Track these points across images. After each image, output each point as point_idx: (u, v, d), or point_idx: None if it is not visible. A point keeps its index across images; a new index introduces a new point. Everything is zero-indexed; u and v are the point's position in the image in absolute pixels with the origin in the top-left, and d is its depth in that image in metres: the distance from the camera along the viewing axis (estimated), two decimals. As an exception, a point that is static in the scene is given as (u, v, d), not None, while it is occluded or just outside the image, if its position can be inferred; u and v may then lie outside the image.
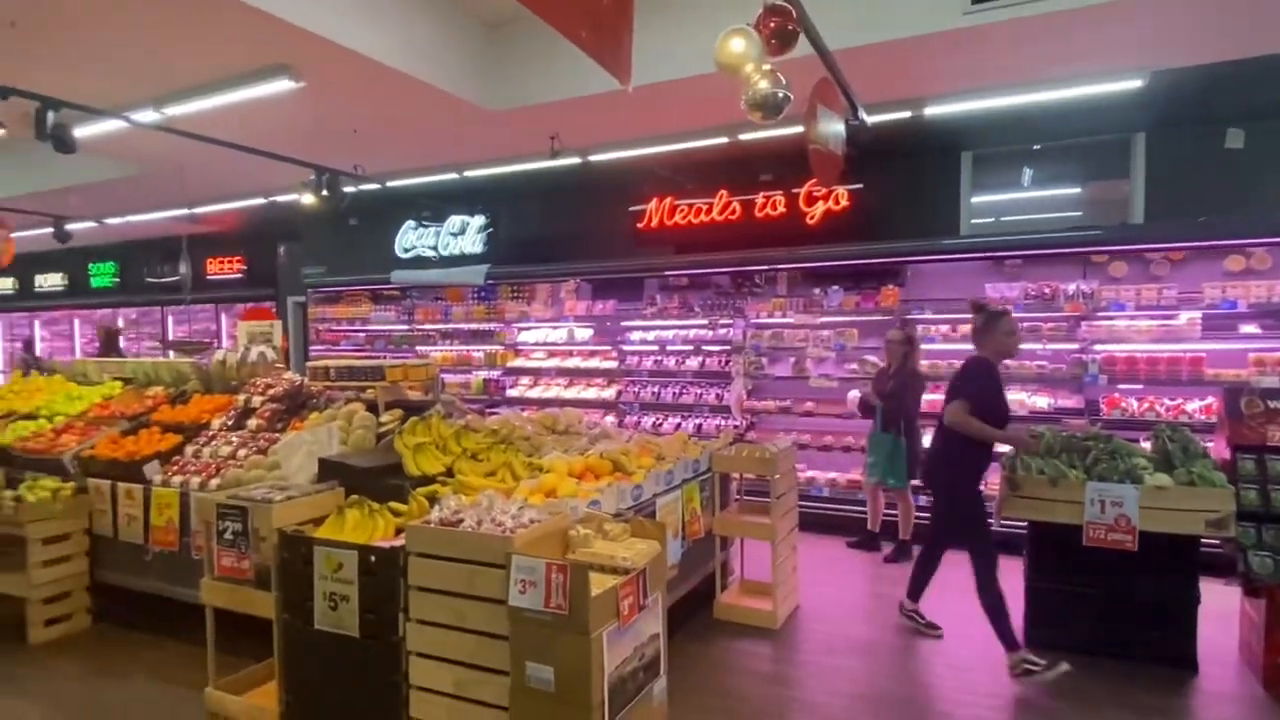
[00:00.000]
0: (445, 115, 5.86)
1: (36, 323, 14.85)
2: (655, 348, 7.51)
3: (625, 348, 7.69)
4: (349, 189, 5.91)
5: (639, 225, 7.62)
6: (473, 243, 8.97)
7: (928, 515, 5.90)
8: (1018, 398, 5.96)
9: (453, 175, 7.73)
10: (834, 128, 3.66)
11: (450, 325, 8.72)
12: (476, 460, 3.84)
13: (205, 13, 4.09)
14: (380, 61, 4.76)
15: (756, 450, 4.48)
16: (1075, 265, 6.06)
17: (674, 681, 3.01)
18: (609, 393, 7.62)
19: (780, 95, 2.57)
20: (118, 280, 13.47)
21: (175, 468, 4.40)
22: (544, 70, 5.58)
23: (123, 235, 11.61)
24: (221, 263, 11.94)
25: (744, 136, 6.18)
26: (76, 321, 14.15)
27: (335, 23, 4.44)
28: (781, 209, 7.03)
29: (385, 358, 7.77)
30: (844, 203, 6.81)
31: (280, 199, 8.85)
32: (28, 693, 3.70)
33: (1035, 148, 6.47)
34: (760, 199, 7.11)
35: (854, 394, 6.24)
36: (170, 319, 12.80)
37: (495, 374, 8.35)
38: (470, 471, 3.66)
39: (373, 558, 2.88)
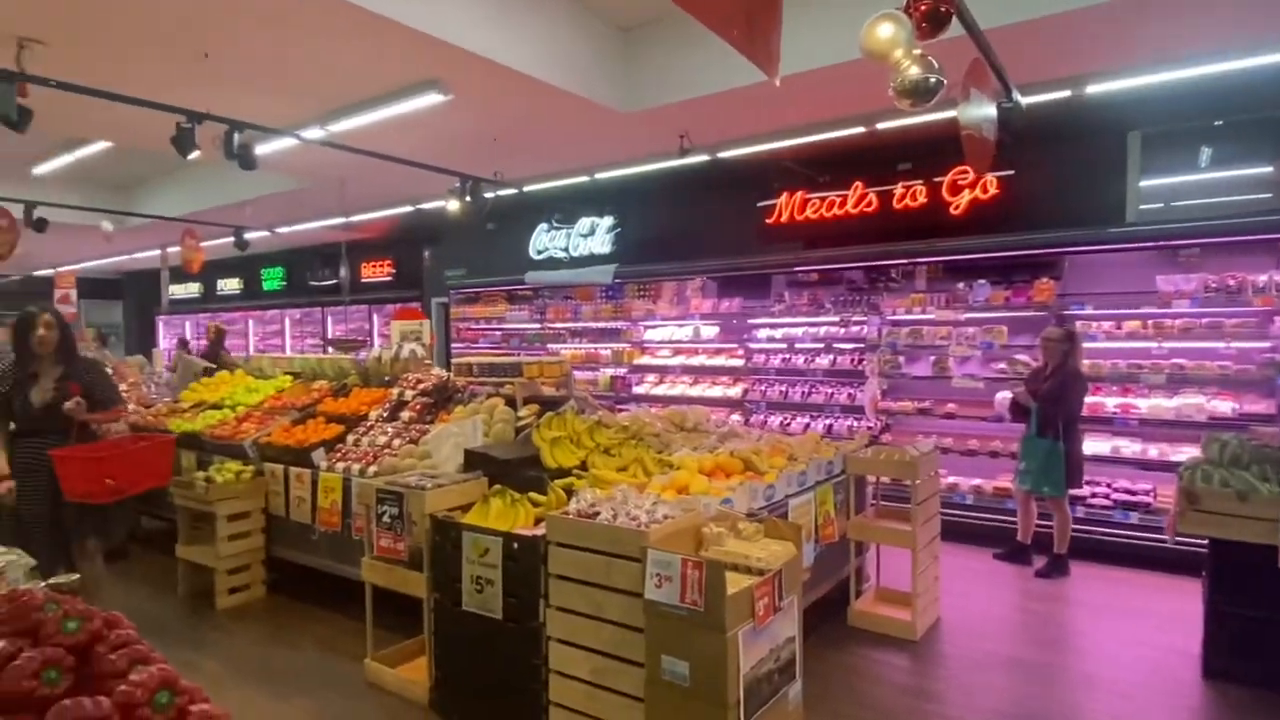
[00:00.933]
0: (581, 120, 6.04)
1: (218, 322, 16.69)
2: (783, 345, 7.38)
3: (752, 345, 7.62)
4: (489, 195, 6.23)
5: (767, 221, 7.52)
6: (601, 243, 9.19)
7: (1087, 527, 5.47)
8: (1194, 401, 5.37)
9: (584, 178, 7.97)
10: (987, 111, 3.45)
11: (579, 324, 8.99)
12: (609, 455, 3.94)
13: (367, 35, 4.44)
14: (522, 71, 4.98)
15: (896, 453, 4.31)
16: (1265, 254, 5.39)
17: (809, 687, 2.96)
18: (735, 391, 7.58)
19: (933, 80, 2.45)
20: (285, 283, 14.91)
21: (338, 455, 4.80)
22: (675, 70, 5.63)
23: (289, 243, 12.81)
24: (374, 266, 12.92)
25: (882, 125, 5.95)
26: (251, 321, 15.77)
27: (481, 37, 4.69)
28: (922, 199, 6.70)
29: (519, 355, 8.14)
30: (993, 190, 6.40)
31: (426, 206, 9.48)
32: (215, 653, 4.16)
33: (1216, 124, 5.80)
34: (899, 189, 6.81)
35: (1003, 395, 5.85)
36: (329, 318, 13.98)
37: (622, 371, 8.52)
38: (604, 466, 3.76)
39: (515, 545, 3.03)
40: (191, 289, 16.94)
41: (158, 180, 10.70)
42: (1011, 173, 6.24)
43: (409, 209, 9.69)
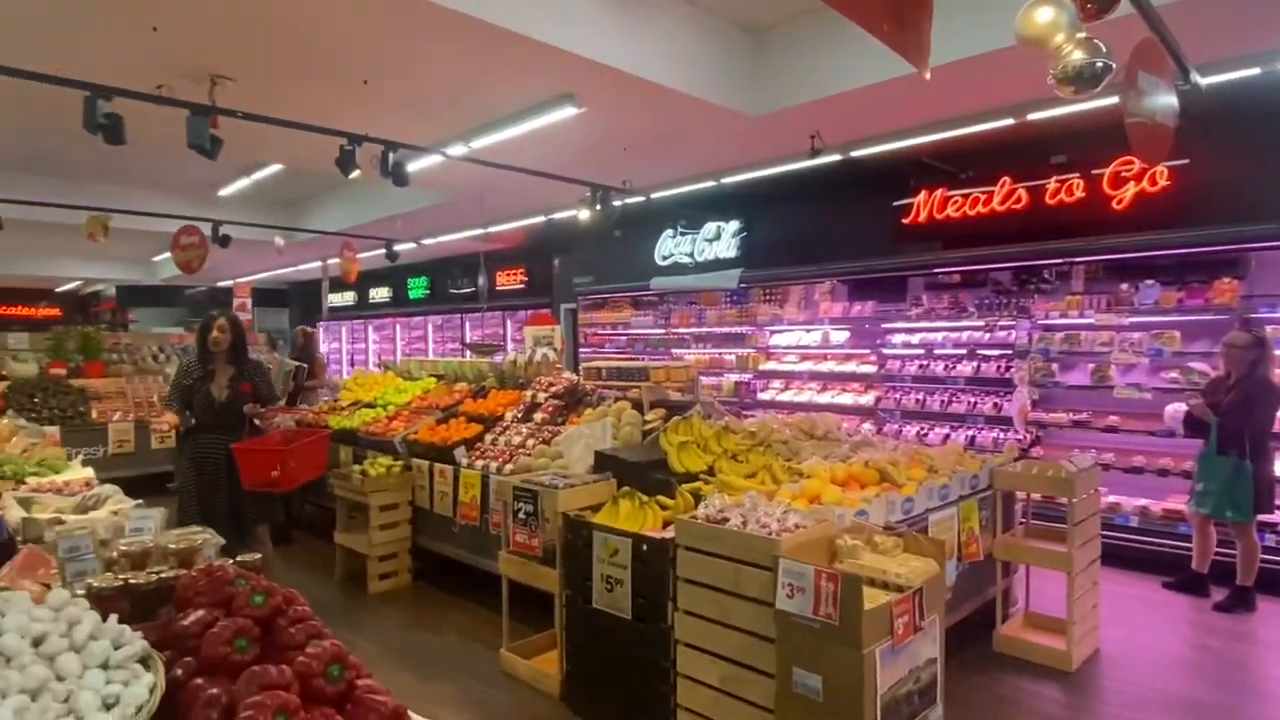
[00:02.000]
0: (710, 125, 6.06)
1: (369, 327, 18.06)
2: (920, 351, 7.03)
3: (886, 351, 7.32)
4: (617, 203, 6.37)
5: (903, 220, 7.20)
6: (727, 247, 9.15)
7: (1277, 557, 4.83)
8: None
9: (710, 183, 7.97)
10: (1160, 97, 3.13)
11: (704, 329, 8.99)
12: (736, 461, 3.91)
13: (509, 54, 4.67)
14: (652, 81, 5.06)
15: (1050, 468, 3.99)
16: None
17: (952, 713, 2.80)
18: (866, 398, 7.30)
19: (1100, 65, 2.25)
20: (428, 292, 15.91)
21: (477, 453, 5.06)
22: (806, 70, 5.52)
23: (433, 254, 13.67)
24: (508, 275, 13.54)
25: (1034, 115, 5.54)
26: (398, 326, 16.95)
27: (614, 50, 4.81)
28: (1079, 194, 6.18)
29: (643, 360, 8.24)
30: (1163, 182, 5.79)
31: (557, 216, 9.82)
32: (367, 633, 4.48)
33: None
34: (1052, 184, 6.31)
35: (1176, 407, 5.27)
36: (467, 324, 14.79)
37: (747, 377, 8.43)
38: (731, 472, 3.73)
39: (645, 547, 3.06)
40: (347, 297, 18.44)
41: (320, 198, 11.75)
42: (1185, 162, 5.62)
43: (541, 219, 10.07)
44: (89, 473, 3.94)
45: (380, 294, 17.50)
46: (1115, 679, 3.77)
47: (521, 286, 13.32)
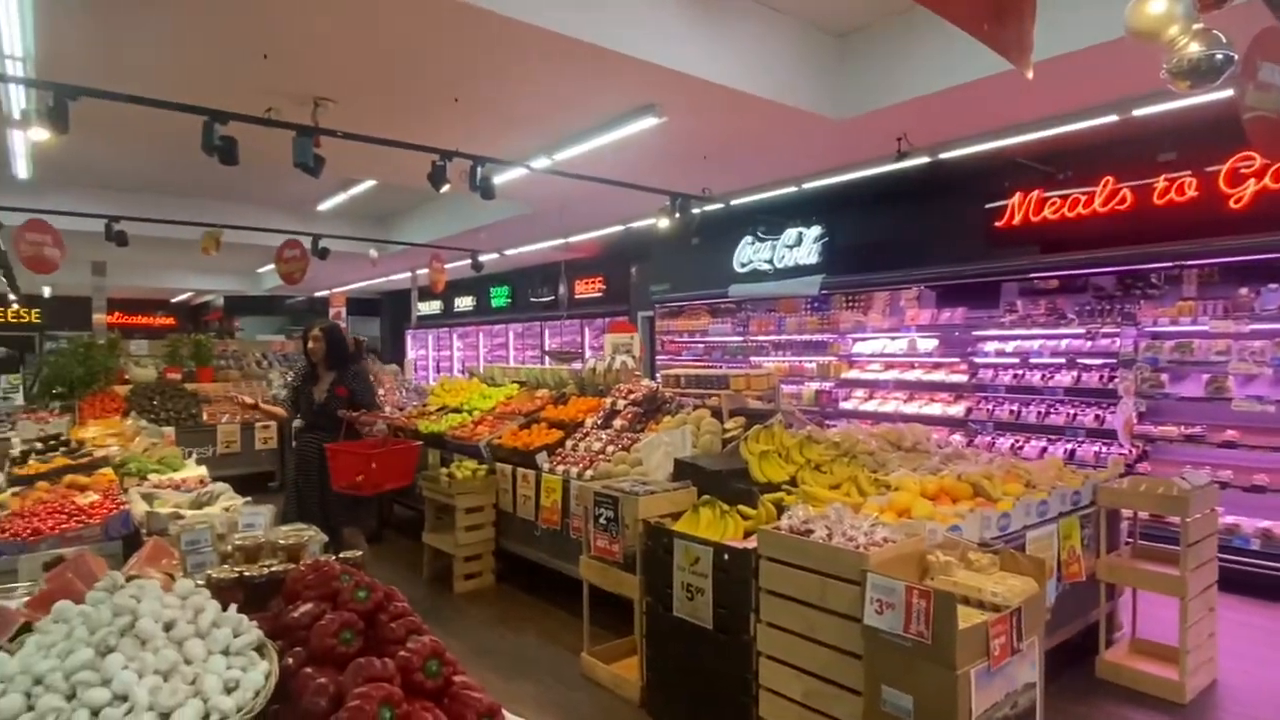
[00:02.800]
0: (793, 131, 6.00)
1: (454, 335, 18.68)
2: (1015, 360, 6.72)
3: (977, 360, 7.03)
4: (696, 211, 6.39)
5: (996, 224, 6.91)
6: (808, 253, 9.01)
7: None
8: None
9: (791, 189, 7.87)
10: (1286, 86, 2.89)
11: (783, 336, 8.87)
12: (819, 472, 3.84)
13: (593, 68, 4.77)
14: (735, 88, 5.06)
15: (1160, 485, 3.74)
16: None
17: (1052, 741, 2.65)
18: (956, 409, 7.03)
19: (1220, 57, 2.09)
20: (510, 301, 16.34)
21: (558, 458, 5.15)
22: (893, 71, 5.39)
23: (515, 264, 14.03)
24: (586, 283, 13.76)
25: (1140, 111, 5.22)
26: (481, 334, 17.47)
27: (697, 59, 4.84)
28: (1191, 192, 5.78)
29: (721, 367, 8.19)
30: (1288, 178, 5.36)
31: (635, 225, 9.91)
32: (453, 630, 4.62)
33: None
34: (1160, 183, 5.93)
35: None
36: (546, 332, 15.10)
37: (828, 385, 8.26)
38: (814, 482, 3.66)
39: (726, 556, 3.04)
40: (434, 306, 19.13)
41: (410, 212, 12.25)
42: (1317, 154, 5.18)
43: (619, 228, 10.19)
44: (202, 471, 4.23)
45: (464, 303, 18.08)
46: (1235, 714, 3.49)
47: (599, 294, 13.50)
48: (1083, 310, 6.33)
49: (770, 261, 9.45)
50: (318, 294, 19.06)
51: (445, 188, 5.16)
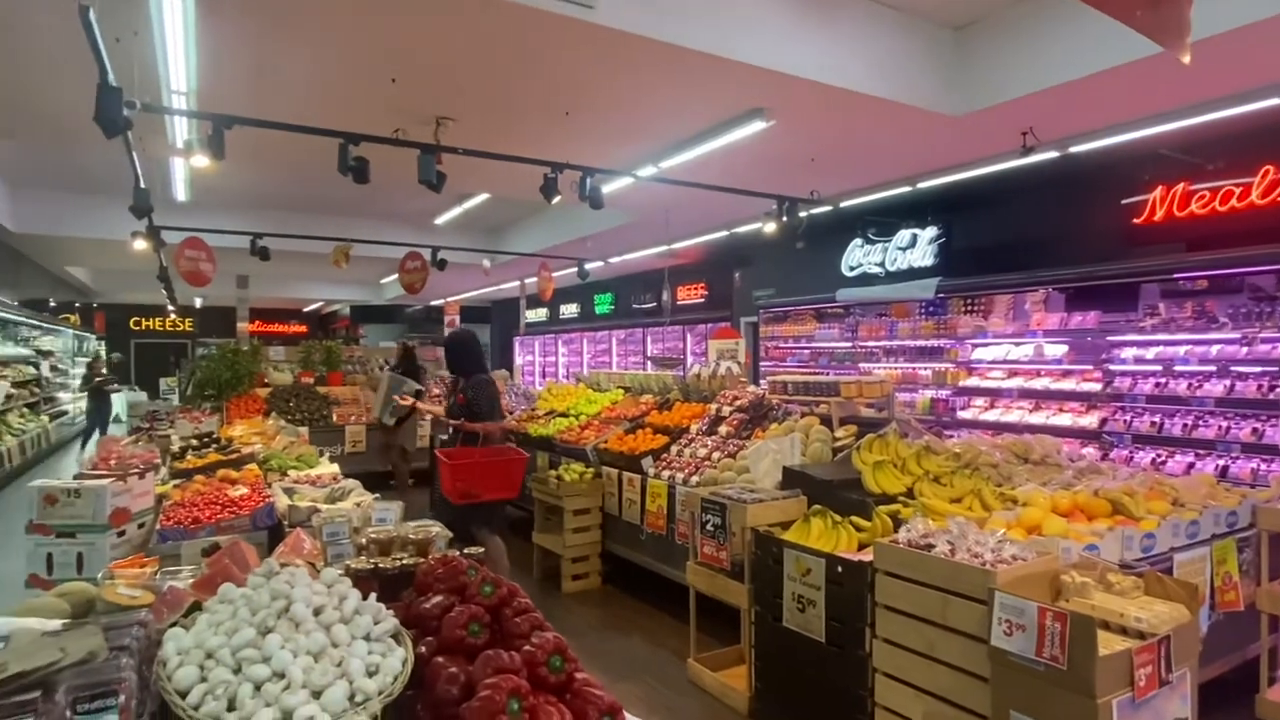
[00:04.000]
0: (908, 129, 5.81)
1: (559, 341, 19.17)
2: (1157, 367, 6.18)
3: (1113, 367, 6.51)
4: (803, 214, 6.28)
5: (1135, 220, 6.40)
6: (922, 255, 8.66)
7: None
8: None
9: (905, 188, 7.61)
10: None
11: (895, 342, 8.55)
12: (939, 484, 3.67)
13: (701, 75, 4.79)
14: (847, 88, 4.95)
15: (1335, 507, 3.34)
16: None
17: (1208, 786, 2.42)
18: (1089, 420, 6.54)
19: None
20: (613, 307, 16.61)
21: (664, 463, 5.18)
22: (1015, 63, 5.12)
23: (618, 271, 14.27)
24: (688, 289, 13.79)
25: (1306, 92, 4.73)
26: (585, 340, 17.85)
27: (808, 60, 4.77)
28: (1369, 181, 5.16)
29: (828, 374, 7.99)
30: None
31: (740, 230, 9.85)
32: (561, 630, 4.70)
33: None
34: (1331, 171, 5.33)
35: None
36: (648, 338, 15.25)
37: (944, 393, 7.89)
38: (933, 495, 3.51)
39: (840, 568, 2.97)
40: (540, 314, 19.72)
41: (519, 223, 12.70)
42: None
43: (723, 233, 10.16)
44: (335, 468, 4.53)
45: (569, 310, 18.53)
46: None
47: (701, 300, 13.49)
48: (1237, 313, 5.75)
49: (881, 264, 9.15)
50: (433, 303, 20.07)
51: (557, 199, 5.31)
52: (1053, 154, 6.02)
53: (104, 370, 14.37)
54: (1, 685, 1.23)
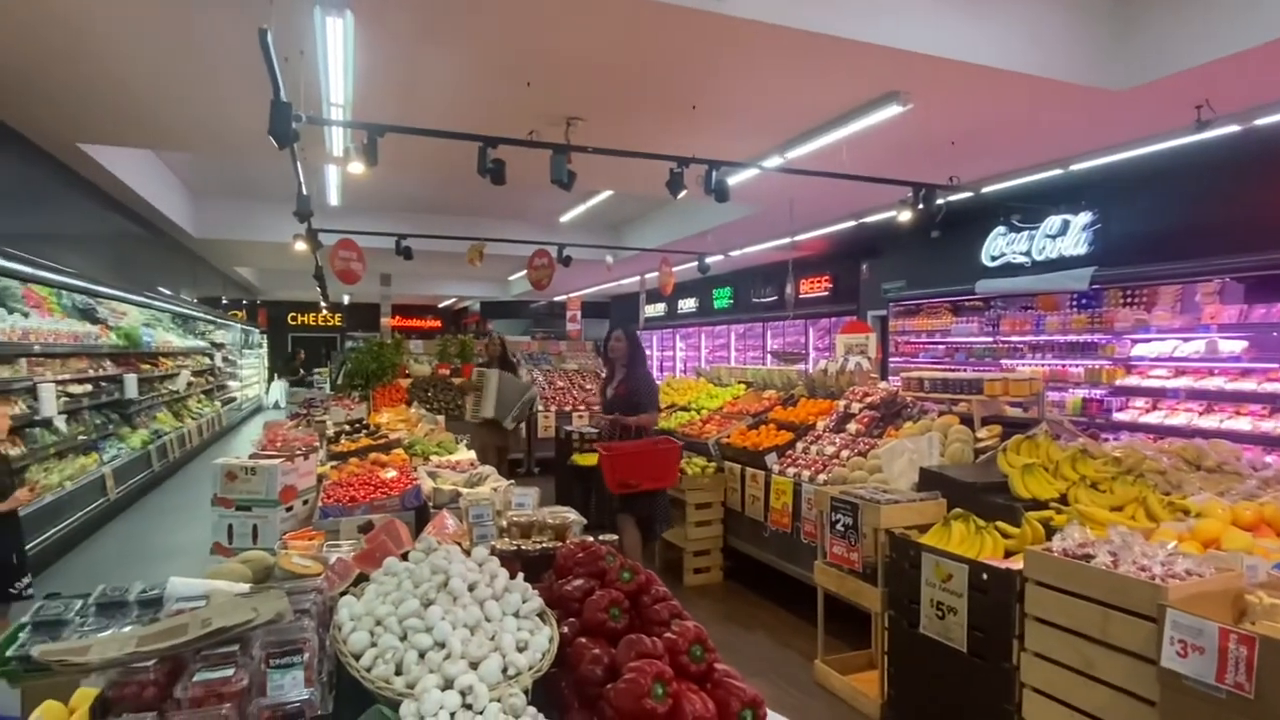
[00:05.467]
0: (1063, 107, 5.39)
1: (677, 336, 19.26)
2: (1362, 368, 5.42)
3: (1304, 366, 5.77)
4: (941, 201, 5.96)
5: (1334, 201, 5.63)
6: (1075, 243, 8.01)
7: None
8: None
9: (1056, 171, 7.07)
10: None
11: (1041, 337, 7.96)
12: (1096, 490, 3.39)
13: (831, 61, 4.66)
14: (991, 66, 4.66)
15: None
16: None
17: None
18: (1271, 424, 5.83)
19: None
20: (731, 301, 16.49)
21: (788, 460, 5.10)
22: (1187, 31, 4.61)
23: (737, 265, 14.14)
24: (811, 282, 13.45)
25: None
26: (703, 335, 17.83)
27: (947, 39, 4.53)
28: None
29: (965, 370, 7.56)
30: None
31: (869, 220, 9.51)
32: (687, 622, 4.76)
33: None
34: None
35: None
36: (768, 332, 15.02)
37: (1098, 393, 7.27)
38: (1091, 502, 3.25)
39: (985, 575, 2.82)
40: (659, 309, 19.89)
41: (640, 219, 12.86)
42: None
43: (851, 224, 9.84)
44: (471, 454, 4.78)
45: (687, 304, 18.57)
46: None
47: (825, 294, 13.13)
48: None
49: (1027, 253, 8.55)
50: (556, 298, 20.69)
51: (682, 193, 5.34)
52: (1233, 128, 5.39)
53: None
54: (208, 638, 1.39)
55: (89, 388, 7.51)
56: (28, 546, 4.25)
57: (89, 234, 8.26)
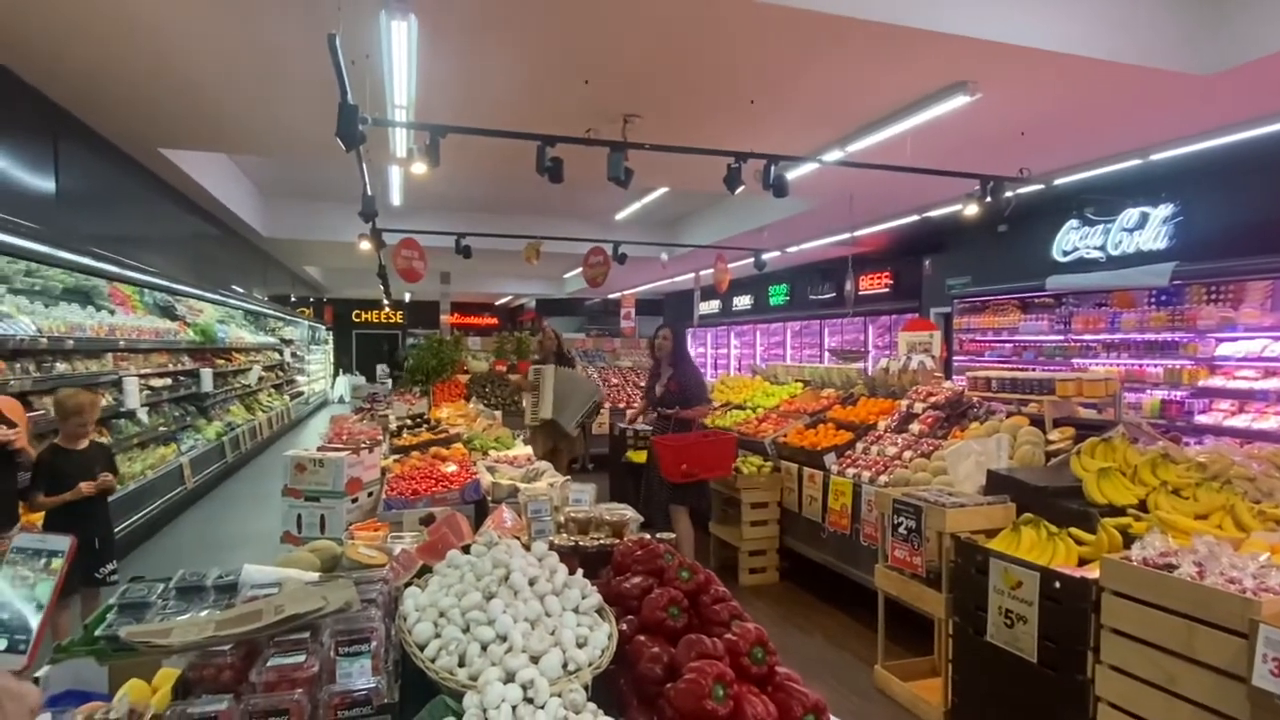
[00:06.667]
0: (1142, 94, 5.12)
1: (732, 334, 19.11)
2: None
3: None
4: (1009, 194, 5.74)
5: None
6: (1154, 237, 7.63)
7: None
8: None
9: (1134, 162, 6.74)
10: None
11: (1116, 335, 7.61)
12: (1179, 497, 3.22)
13: (895, 51, 4.54)
14: (1066, 53, 4.46)
15: None
16: None
17: None
18: (1378, 431, 5.44)
19: None
20: (787, 298, 16.27)
21: (847, 461, 5.01)
22: (1283, 7, 4.34)
23: (794, 261, 13.94)
24: (871, 279, 13.15)
25: None
26: (758, 333, 17.64)
27: (1019, 26, 4.35)
28: None
29: (1035, 370, 7.29)
30: None
31: (932, 214, 9.25)
32: (743, 623, 4.73)
33: None
34: None
35: None
36: (826, 330, 14.76)
37: (1179, 394, 6.90)
38: (1173, 509, 3.09)
39: (1057, 584, 2.71)
40: (713, 306, 19.77)
41: (694, 215, 12.80)
42: None
43: (914, 218, 9.59)
44: (528, 450, 4.84)
45: (742, 301, 18.40)
46: None
47: (885, 290, 12.82)
48: None
49: (1102, 248, 8.18)
50: (611, 295, 20.79)
51: (740, 189, 5.28)
52: (1335, 110, 5.05)
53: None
54: (281, 624, 1.44)
55: (168, 381, 7.90)
56: (115, 531, 4.49)
57: (168, 235, 8.68)
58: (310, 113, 5.78)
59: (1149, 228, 7.68)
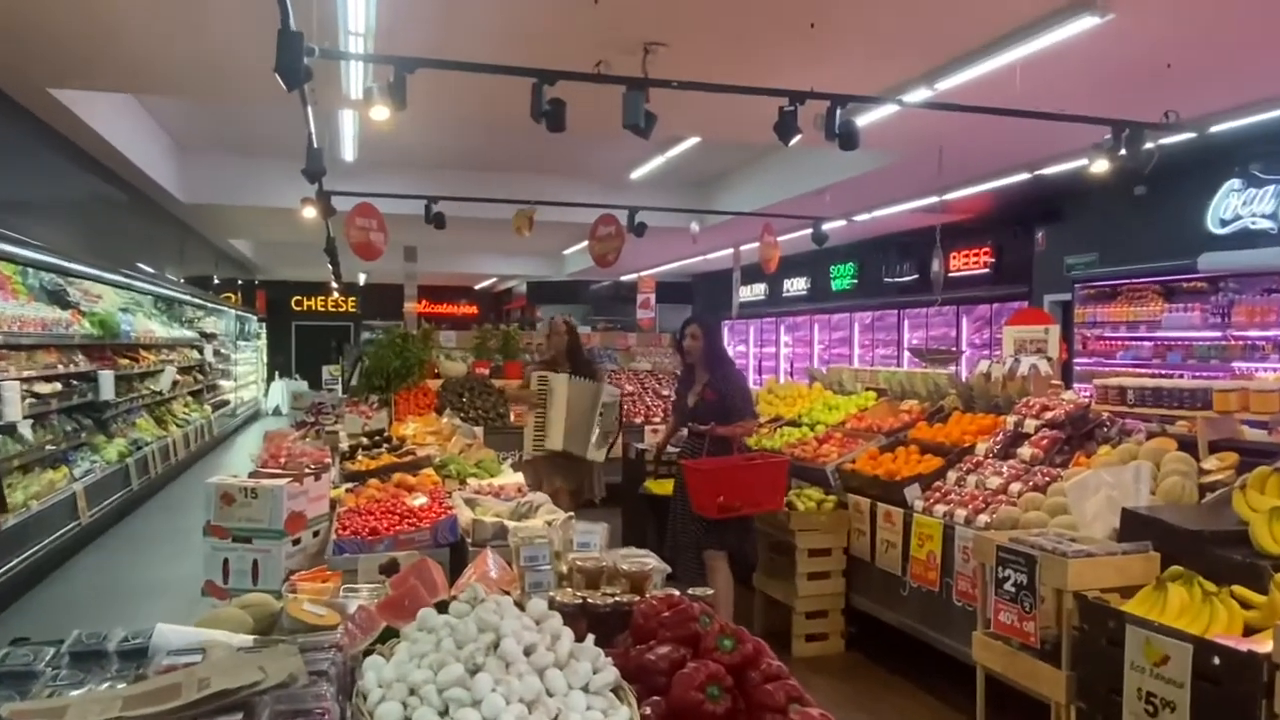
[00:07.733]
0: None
1: (781, 327, 19.11)
2: None
3: None
4: (1150, 145, 5.69)
5: None
6: (1344, 202, 7.59)
7: None
8: None
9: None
10: None
11: (1292, 331, 7.58)
12: (1380, 546, 3.18)
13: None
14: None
15: None
16: None
17: None
18: None
19: None
20: (855, 282, 16.25)
21: (936, 494, 4.98)
22: None
23: (865, 233, 13.94)
24: (963, 257, 13.12)
25: None
26: (815, 325, 17.65)
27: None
28: None
29: (1184, 376, 7.24)
30: None
31: (1047, 172, 9.20)
32: (796, 707, 4.72)
33: None
34: None
35: None
36: (905, 323, 14.72)
37: (1376, 411, 6.82)
38: (1372, 562, 3.05)
39: (1216, 660, 2.68)
40: (757, 291, 19.79)
41: (732, 175, 12.83)
42: None
43: (1023, 177, 9.57)
44: (519, 478, 4.86)
45: (796, 286, 18.40)
46: None
47: (985, 271, 12.82)
48: None
49: (1273, 216, 8.18)
50: (624, 278, 20.87)
51: (796, 139, 5.29)
52: None
53: None
54: (206, 702, 1.45)
55: (58, 386, 8.02)
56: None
57: (58, 199, 8.82)
58: (242, 42, 5.84)
59: (1337, 190, 7.64)
